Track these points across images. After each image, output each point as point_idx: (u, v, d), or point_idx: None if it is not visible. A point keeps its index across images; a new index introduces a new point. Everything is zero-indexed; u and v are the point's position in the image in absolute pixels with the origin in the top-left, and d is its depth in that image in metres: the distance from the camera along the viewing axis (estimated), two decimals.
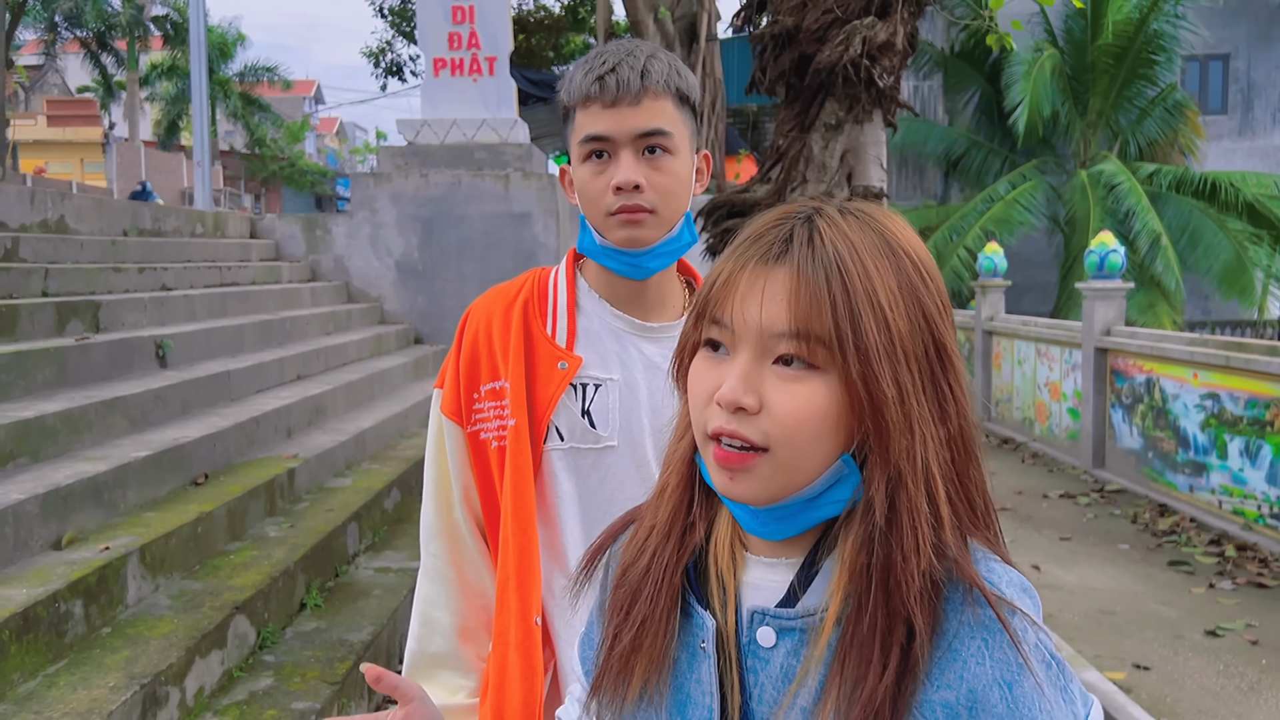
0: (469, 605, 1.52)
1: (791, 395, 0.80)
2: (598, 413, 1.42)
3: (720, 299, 0.84)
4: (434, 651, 1.52)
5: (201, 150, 14.12)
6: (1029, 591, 0.84)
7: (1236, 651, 4.62)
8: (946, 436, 0.84)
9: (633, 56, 1.35)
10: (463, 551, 1.51)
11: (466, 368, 1.47)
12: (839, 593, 0.82)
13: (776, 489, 0.83)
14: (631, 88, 1.32)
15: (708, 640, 0.88)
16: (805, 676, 0.83)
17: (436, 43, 8.93)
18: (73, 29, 31.99)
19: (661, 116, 1.34)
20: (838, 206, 0.87)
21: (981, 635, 0.79)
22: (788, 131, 4.42)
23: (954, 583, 0.81)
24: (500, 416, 1.43)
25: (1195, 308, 16.65)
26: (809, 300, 0.80)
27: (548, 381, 1.41)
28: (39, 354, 4.21)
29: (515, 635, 1.40)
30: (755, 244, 0.85)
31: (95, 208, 6.82)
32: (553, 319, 1.45)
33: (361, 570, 4.32)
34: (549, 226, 8.66)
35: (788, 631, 0.85)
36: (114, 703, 2.57)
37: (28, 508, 3.15)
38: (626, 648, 0.92)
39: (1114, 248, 8.42)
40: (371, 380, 6.76)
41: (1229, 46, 17.87)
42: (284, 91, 37.53)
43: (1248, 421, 6.53)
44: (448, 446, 1.49)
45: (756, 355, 0.82)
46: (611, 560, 1.03)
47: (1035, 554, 6.15)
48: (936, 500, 0.82)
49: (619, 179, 1.33)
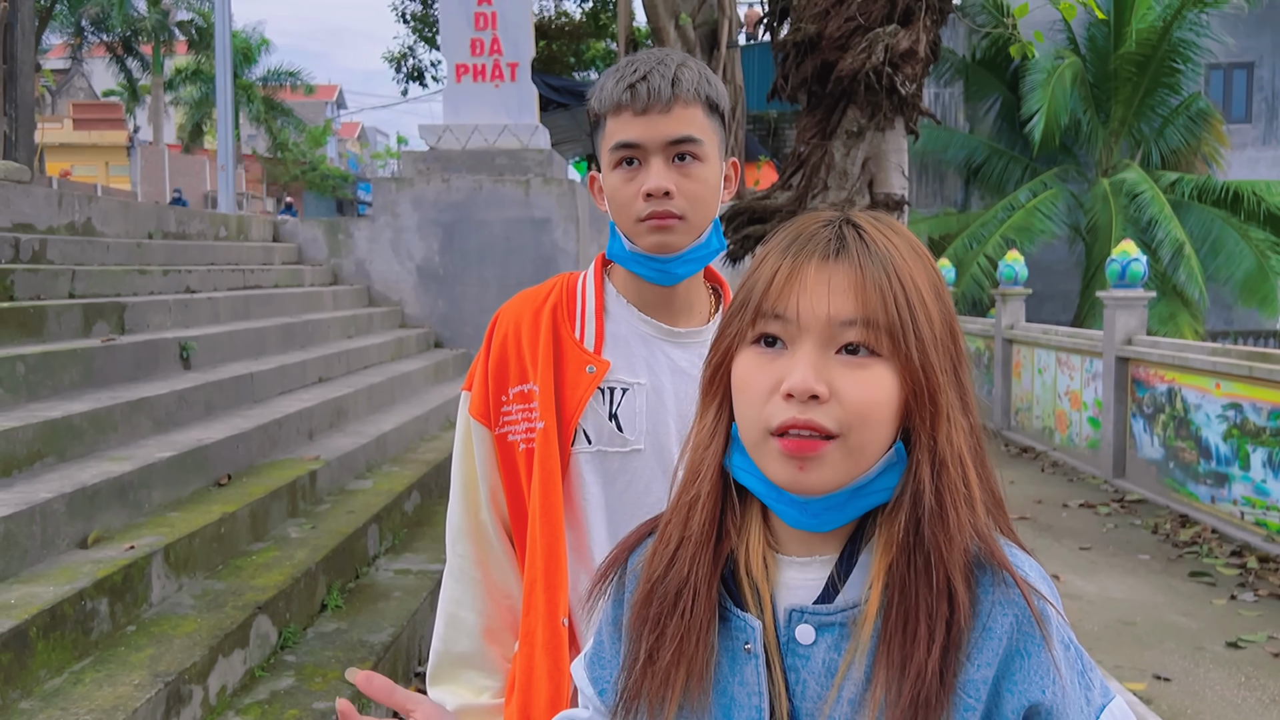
0: (494, 606, 1.53)
1: (861, 381, 0.84)
2: (625, 417, 1.43)
3: (781, 294, 0.87)
4: (460, 651, 1.53)
5: (225, 154, 14.24)
6: (1047, 580, 0.90)
7: (1258, 664, 4.58)
8: (969, 426, 0.90)
9: (664, 65, 1.36)
10: (489, 553, 1.53)
11: (495, 370, 1.48)
12: (879, 583, 0.86)
13: (844, 476, 0.86)
14: (662, 96, 1.33)
15: (753, 641, 0.90)
16: (849, 669, 0.86)
17: (459, 49, 8.98)
18: (99, 33, 32.35)
19: (691, 124, 1.35)
20: (866, 213, 0.93)
21: (1012, 612, 0.84)
22: (809, 138, 4.43)
23: (984, 566, 0.87)
24: (528, 419, 1.44)
25: (1217, 318, 16.52)
26: (874, 290, 0.85)
27: (576, 385, 1.42)
28: (66, 355, 4.26)
29: (543, 636, 1.41)
30: (809, 243, 0.89)
31: (121, 210, 6.89)
32: (581, 323, 1.46)
33: (382, 572, 4.35)
34: (569, 232, 8.69)
35: (827, 627, 0.88)
36: (139, 700, 2.60)
37: (55, 506, 3.19)
38: (668, 661, 0.92)
39: (1136, 256, 8.38)
40: (392, 383, 6.80)
41: (1253, 55, 17.74)
42: (306, 96, 37.80)
43: (1271, 432, 6.48)
44: (476, 448, 1.50)
45: (820, 345, 0.85)
46: (629, 575, 1.02)
47: (1055, 563, 6.11)
48: (970, 483, 0.87)
49: (649, 185, 1.34)
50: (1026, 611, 0.84)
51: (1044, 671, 0.83)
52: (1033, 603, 0.84)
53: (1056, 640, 0.84)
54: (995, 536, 0.89)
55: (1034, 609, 0.84)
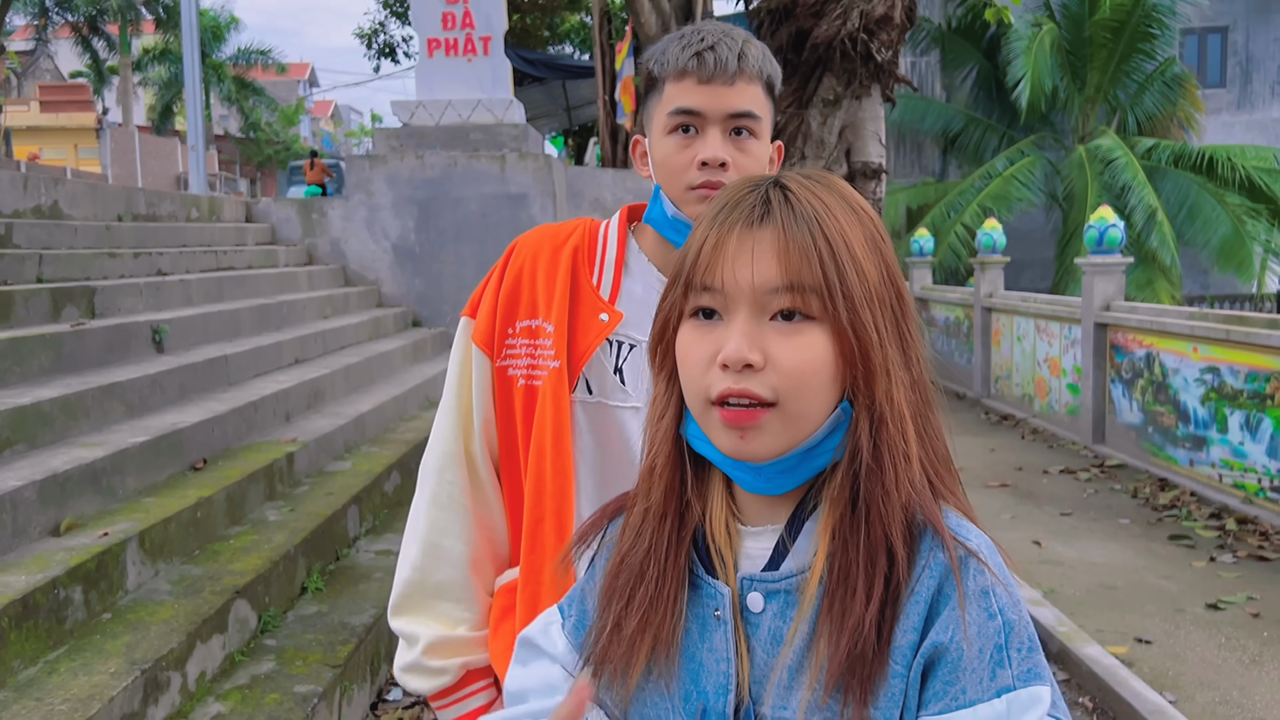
0: (481, 537, 1.49)
1: (794, 347, 0.83)
2: (629, 372, 1.41)
3: (709, 265, 0.86)
4: (438, 581, 1.48)
5: (196, 135, 14.04)
6: (989, 547, 0.87)
7: (1238, 624, 4.62)
8: (910, 381, 0.89)
9: (730, 38, 1.35)
10: (479, 483, 1.49)
11: (506, 300, 1.45)
12: (823, 549, 0.86)
13: (786, 442, 0.85)
14: (729, 68, 1.32)
15: (723, 608, 0.90)
16: (794, 637, 0.86)
17: (430, 23, 8.87)
18: (64, 13, 31.78)
19: (753, 100, 1.35)
20: (797, 174, 0.91)
21: (938, 575, 0.83)
22: (785, 107, 4.38)
23: (923, 530, 0.85)
24: (532, 356, 1.42)
25: (1193, 283, 16.62)
26: (798, 254, 0.83)
27: (586, 330, 1.40)
28: (35, 340, 4.19)
29: (550, 576, 1.37)
30: (734, 210, 0.88)
31: (89, 193, 6.78)
32: (600, 271, 1.44)
33: (362, 553, 4.31)
34: (546, 207, 8.63)
35: (774, 594, 0.88)
36: (115, 688, 2.56)
37: (26, 494, 3.14)
38: (634, 629, 0.92)
39: (1113, 223, 8.38)
40: (370, 363, 6.75)
41: (1227, 19, 17.75)
42: (278, 75, 37.32)
43: (1248, 395, 6.52)
44: (475, 377, 1.46)
45: (753, 314, 0.84)
46: (605, 544, 1.03)
47: (1036, 529, 6.15)
48: (908, 439, 0.86)
49: (706, 154, 1.33)
50: (952, 576, 0.82)
51: (952, 624, 0.81)
52: (955, 560, 0.82)
53: (972, 600, 0.81)
54: (935, 502, 0.87)
55: (955, 567, 0.82)
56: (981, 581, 0.82)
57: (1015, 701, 0.79)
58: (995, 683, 0.79)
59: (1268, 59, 17.95)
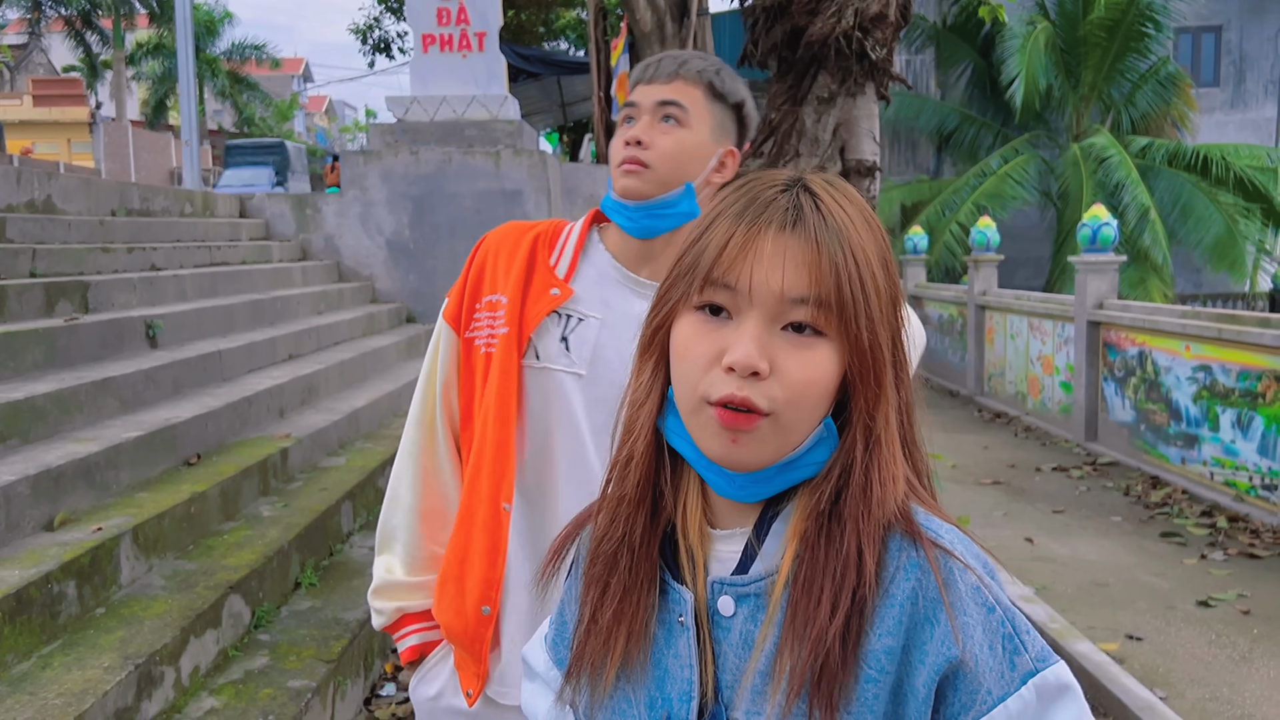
0: (428, 489, 1.67)
1: (804, 362, 0.82)
2: (574, 342, 1.53)
3: (733, 264, 0.84)
4: (394, 525, 1.69)
5: (190, 130, 14.01)
6: (966, 543, 0.87)
7: (1228, 621, 4.65)
8: (900, 402, 0.88)
9: (683, 56, 1.54)
10: (434, 442, 1.67)
11: (473, 282, 1.62)
12: (790, 552, 0.85)
13: (773, 452, 0.84)
14: (665, 70, 1.51)
15: (686, 614, 0.89)
16: (764, 642, 0.85)
17: (425, 18, 8.85)
18: (57, 7, 31.65)
19: (684, 95, 1.50)
20: (819, 177, 0.89)
21: (914, 577, 0.82)
22: (780, 105, 4.39)
23: (894, 533, 0.85)
24: (492, 326, 1.57)
25: (1186, 281, 16.67)
26: (829, 268, 0.82)
27: (537, 301, 1.54)
28: (28, 335, 4.18)
29: (482, 516, 1.53)
30: (765, 210, 0.85)
31: (83, 187, 6.76)
32: (559, 255, 1.59)
33: (356, 549, 4.31)
34: (540, 204, 8.62)
35: (744, 598, 0.87)
36: (108, 683, 2.56)
37: (19, 489, 3.13)
38: (609, 620, 0.92)
39: (1106, 221, 8.41)
40: (364, 359, 6.74)
41: (1221, 18, 17.79)
42: (272, 70, 37.22)
43: (1240, 393, 6.54)
44: (441, 349, 1.65)
45: (767, 320, 0.83)
46: (581, 550, 1.02)
47: (1028, 527, 6.17)
48: (896, 460, 0.86)
49: (629, 134, 1.50)
50: (932, 577, 0.81)
51: (950, 638, 0.80)
52: (935, 563, 0.82)
53: (968, 601, 0.81)
54: (911, 505, 0.87)
55: (935, 570, 0.81)
56: (968, 579, 0.82)
57: (1042, 688, 0.80)
58: (1016, 671, 0.80)
59: (1261, 58, 18.00)
